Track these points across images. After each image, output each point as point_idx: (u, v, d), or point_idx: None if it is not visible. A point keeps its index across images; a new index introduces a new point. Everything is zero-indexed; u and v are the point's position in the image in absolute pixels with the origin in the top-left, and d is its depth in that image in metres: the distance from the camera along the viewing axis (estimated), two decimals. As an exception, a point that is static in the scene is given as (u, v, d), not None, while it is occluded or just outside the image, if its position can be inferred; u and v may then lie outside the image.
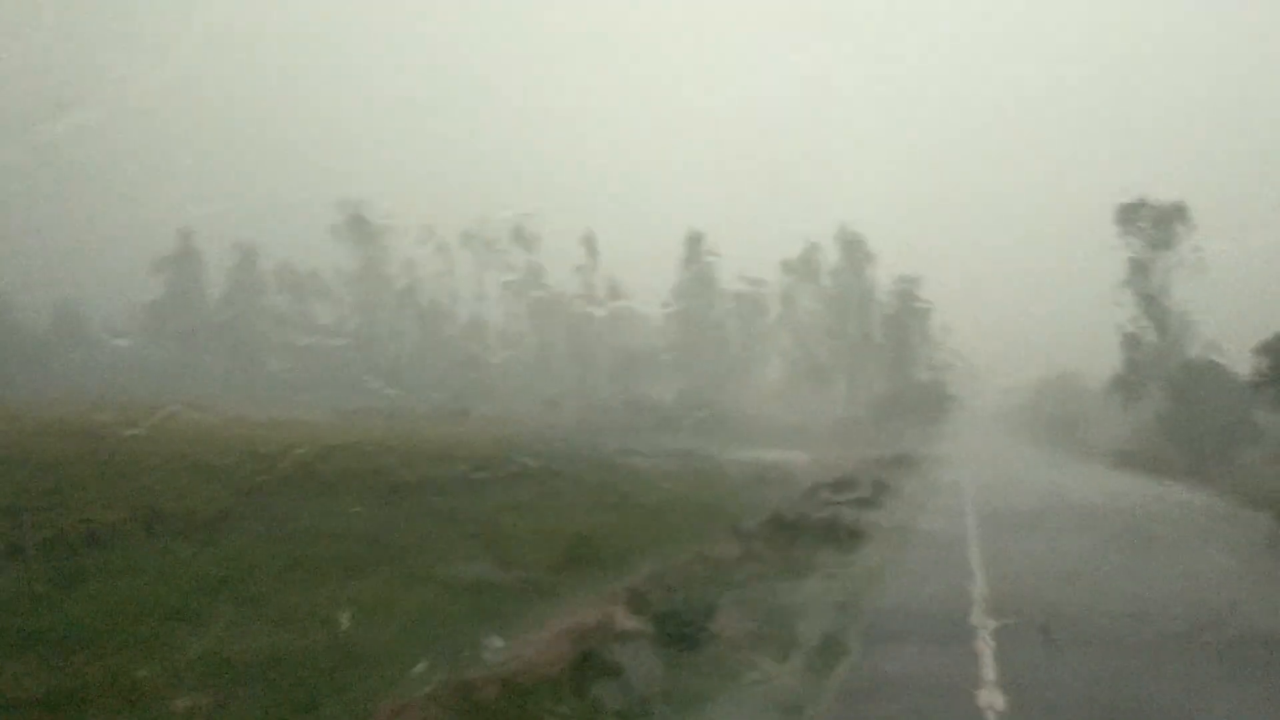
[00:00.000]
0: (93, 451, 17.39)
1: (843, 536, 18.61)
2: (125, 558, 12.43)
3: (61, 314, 66.51)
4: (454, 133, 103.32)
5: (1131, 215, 53.69)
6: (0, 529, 12.06)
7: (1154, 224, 53.33)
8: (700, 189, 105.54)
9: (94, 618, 9.42)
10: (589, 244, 77.78)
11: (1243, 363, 29.86)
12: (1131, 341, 55.00)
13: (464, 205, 76.49)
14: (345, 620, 9.96)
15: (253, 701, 7.60)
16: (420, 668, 8.36)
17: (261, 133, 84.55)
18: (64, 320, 66.39)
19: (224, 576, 11.88)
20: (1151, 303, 54.80)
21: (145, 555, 12.74)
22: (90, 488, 14.83)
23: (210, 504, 15.72)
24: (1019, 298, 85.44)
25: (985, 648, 10.26)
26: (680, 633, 9.68)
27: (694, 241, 77.88)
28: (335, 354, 66.09)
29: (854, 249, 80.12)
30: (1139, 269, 54.53)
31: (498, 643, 8.97)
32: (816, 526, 19.23)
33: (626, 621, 9.78)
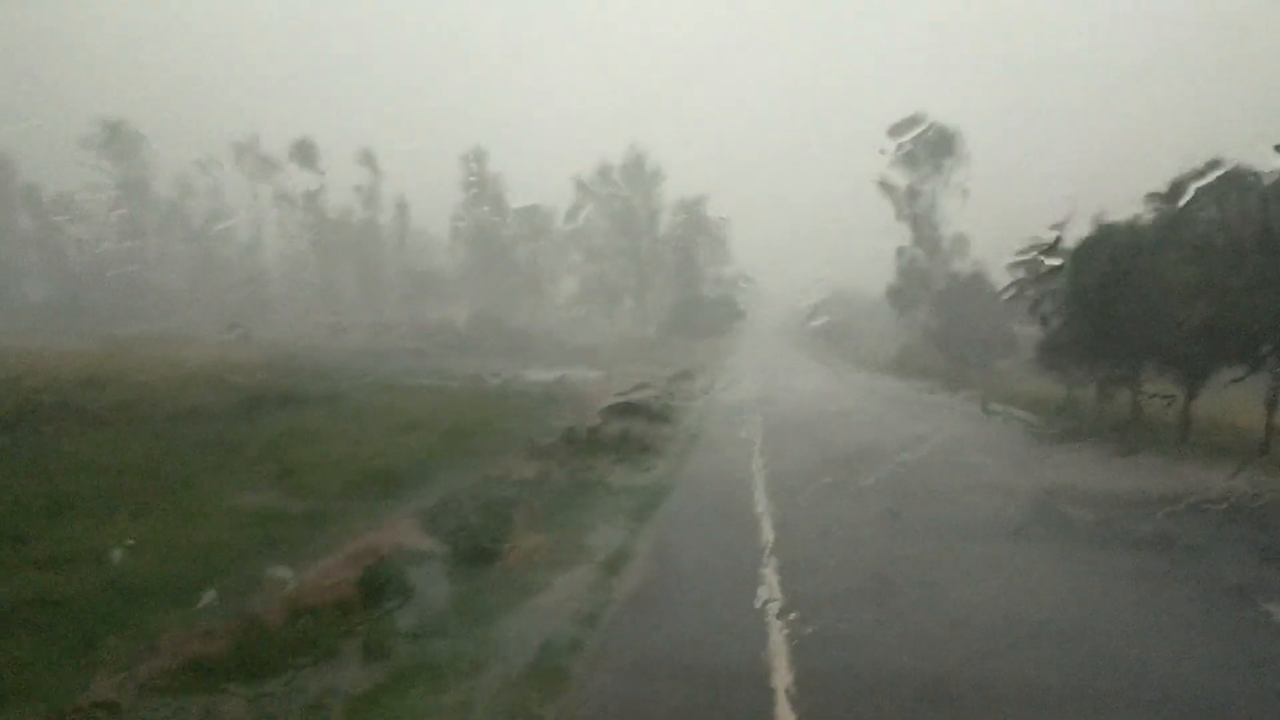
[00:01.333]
0: None
1: (634, 450, 19.04)
2: None
3: None
4: (224, 51, 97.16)
5: (901, 137, 56.38)
6: None
7: (926, 150, 56.17)
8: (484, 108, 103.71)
9: None
10: (369, 161, 75.29)
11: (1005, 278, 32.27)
12: (904, 256, 58.14)
13: (235, 124, 72.60)
14: (121, 557, 9.52)
15: (21, 645, 7.20)
16: (205, 600, 8.12)
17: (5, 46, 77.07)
18: None
19: (-19, 517, 11.11)
20: (920, 222, 57.93)
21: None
22: None
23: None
24: (812, 220, 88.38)
25: (770, 572, 10.82)
26: (472, 551, 9.74)
27: (476, 158, 76.63)
28: (102, 279, 61.72)
29: (641, 167, 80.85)
30: (911, 193, 57.58)
31: (286, 571, 8.79)
32: (608, 442, 19.58)
33: (419, 542, 9.76)
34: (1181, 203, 21.87)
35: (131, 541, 9.92)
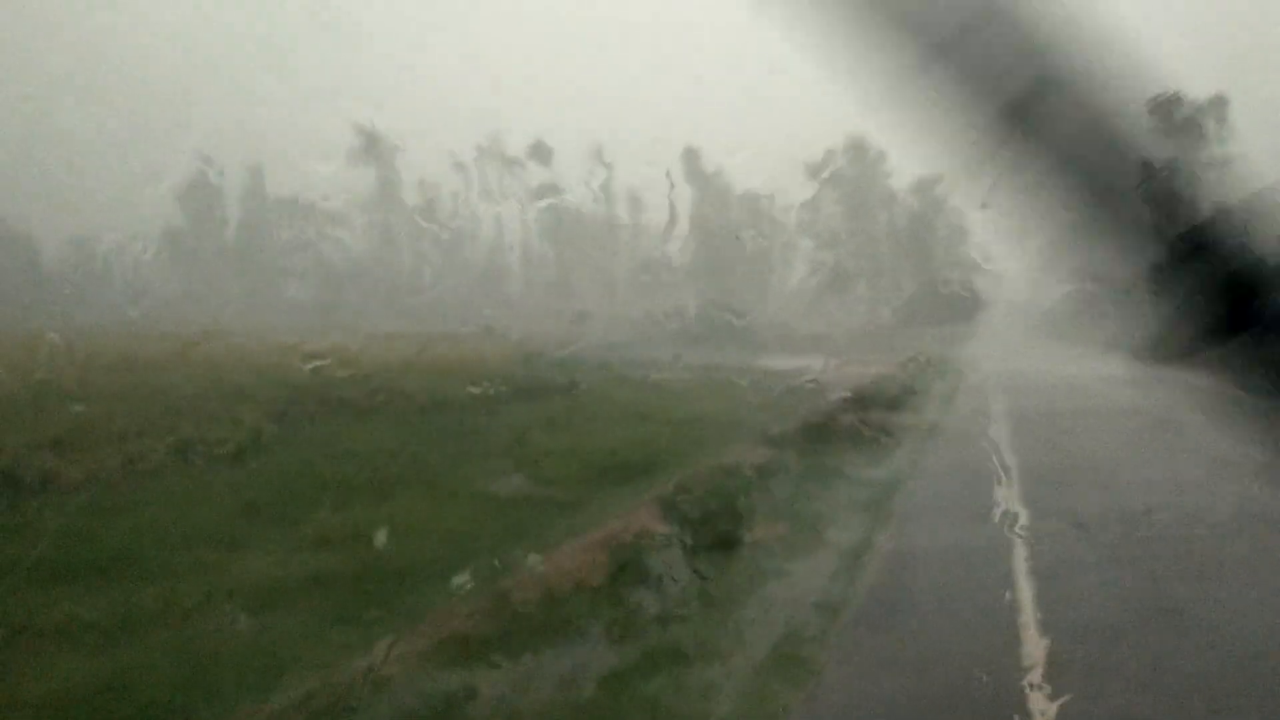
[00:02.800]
0: (122, 382, 17.54)
1: (871, 439, 18.65)
2: (161, 487, 12.60)
3: (77, 246, 66.69)
4: (464, 52, 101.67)
5: (1162, 110, 52.80)
6: (38, 463, 12.23)
7: (1184, 121, 52.39)
8: (696, 104, 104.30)
9: (135, 547, 9.57)
10: (599, 156, 77.09)
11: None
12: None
13: (477, 125, 75.83)
14: (382, 539, 10.08)
15: (295, 619, 7.74)
16: (459, 580, 8.49)
17: (268, 53, 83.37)
18: (80, 253, 66.58)
19: (259, 501, 12.04)
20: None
21: (180, 483, 12.92)
22: (122, 419, 14.99)
23: (241, 430, 15.87)
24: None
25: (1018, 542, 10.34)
26: (713, 538, 9.78)
27: (690, 157, 77.33)
28: (355, 278, 66.06)
29: (864, 153, 79.26)
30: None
31: (535, 555, 9.08)
32: (845, 431, 19.26)
33: (660, 529, 9.88)
34: None
35: (390, 525, 10.50)
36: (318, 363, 21.19)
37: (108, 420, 14.51)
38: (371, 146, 71.13)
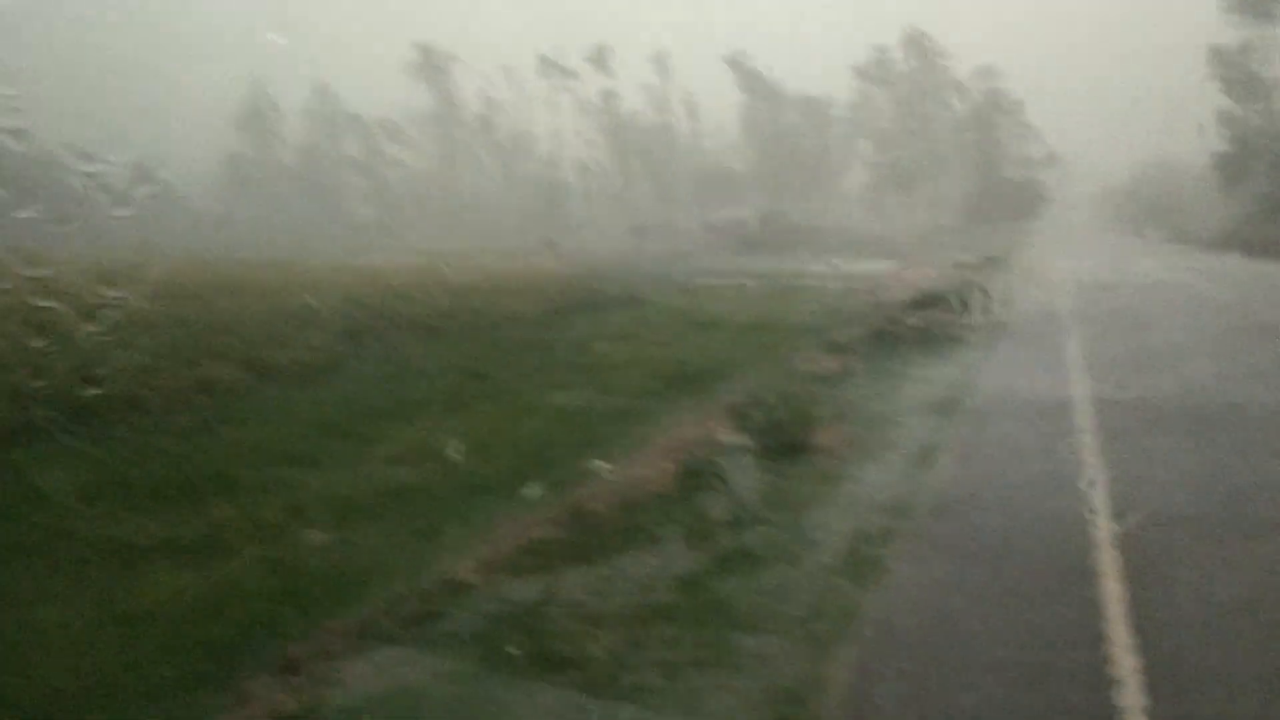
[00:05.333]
0: (194, 307, 17.92)
1: (937, 342, 18.52)
2: (238, 407, 12.95)
3: (141, 171, 67.54)
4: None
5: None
6: (119, 387, 12.61)
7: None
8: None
9: (216, 466, 9.89)
10: (660, 63, 75.97)
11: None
12: (1230, 119, 52.22)
13: (535, 37, 74.94)
14: (455, 453, 10.29)
15: (376, 532, 7.99)
16: (533, 490, 8.67)
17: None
18: (144, 177, 67.41)
19: (335, 419, 12.34)
20: (1252, 81, 51.65)
21: (257, 404, 13.27)
22: (198, 343, 15.35)
23: (315, 351, 16.20)
24: (1107, 84, 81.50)
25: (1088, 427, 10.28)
26: (780, 444, 9.83)
27: (737, 61, 75.92)
28: (417, 196, 66.30)
29: (923, 46, 77.10)
30: (1243, 49, 51.32)
31: (604, 464, 9.22)
32: (910, 334, 19.12)
33: (727, 437, 9.94)
34: None
35: (463, 439, 10.71)
36: (383, 283, 21.48)
37: (186, 345, 14.88)
38: (428, 61, 70.86)
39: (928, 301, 23.12)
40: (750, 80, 77.49)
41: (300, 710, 5.14)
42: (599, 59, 72.70)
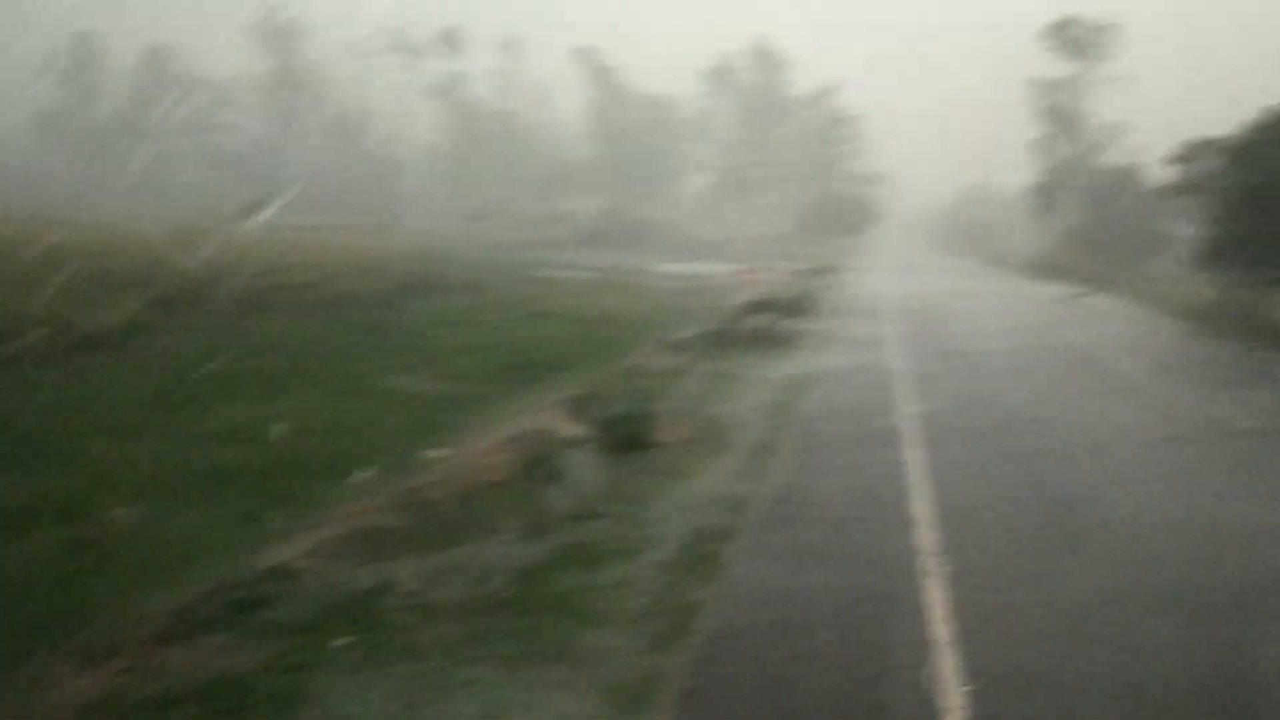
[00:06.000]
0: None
1: (772, 344, 18.89)
2: (44, 375, 12.05)
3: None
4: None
5: (1058, 33, 53.27)
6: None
7: (1079, 41, 52.91)
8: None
9: (14, 438, 9.16)
10: (510, 49, 75.20)
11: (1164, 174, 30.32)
12: (1043, 148, 55.17)
13: (388, 13, 72.96)
14: (282, 433, 9.85)
15: (197, 513, 7.54)
16: (365, 475, 8.36)
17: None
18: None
19: (151, 392, 11.64)
20: (1064, 115, 54.75)
21: (64, 372, 12.37)
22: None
23: (122, 316, 15.22)
24: (939, 113, 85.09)
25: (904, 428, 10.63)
26: (622, 438, 9.79)
27: (586, 56, 76.35)
28: (250, 166, 63.47)
29: (770, 59, 79.08)
30: (1059, 84, 54.42)
31: (443, 450, 8.98)
32: (746, 335, 19.46)
33: (568, 429, 9.86)
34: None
35: (290, 420, 10.25)
36: (204, 251, 20.41)
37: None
38: (272, 27, 68.09)
39: (763, 305, 23.62)
40: (598, 75, 77.70)
41: (104, 697, 4.77)
42: (450, 40, 71.43)
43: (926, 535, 7.49)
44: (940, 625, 5.80)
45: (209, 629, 5.43)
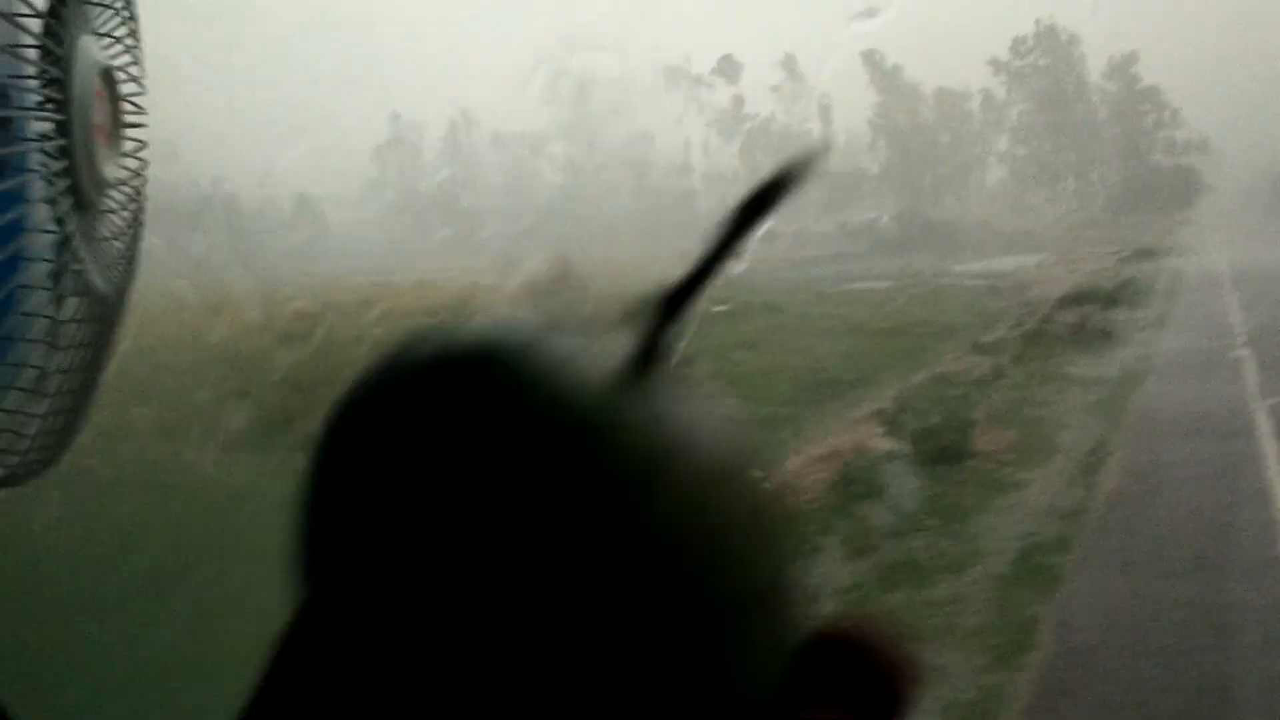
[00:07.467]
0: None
1: (1093, 338, 17.79)
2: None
3: (300, 202, 70.03)
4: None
5: None
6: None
7: None
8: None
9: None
10: (789, 66, 75.53)
11: None
12: None
13: (662, 48, 75.26)
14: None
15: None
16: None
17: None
18: (301, 207, 69.89)
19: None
20: None
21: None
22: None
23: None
24: (1262, 67, 77.54)
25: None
26: (938, 450, 9.53)
27: (871, 59, 74.65)
28: (550, 212, 67.01)
29: (1059, 37, 74.81)
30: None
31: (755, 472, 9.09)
32: (1063, 331, 18.43)
33: (881, 444, 9.71)
34: None
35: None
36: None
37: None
38: (559, 80, 71.83)
39: (1079, 297, 22.28)
40: (883, 77, 76.28)
41: None
42: (726, 68, 72.61)
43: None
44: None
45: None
